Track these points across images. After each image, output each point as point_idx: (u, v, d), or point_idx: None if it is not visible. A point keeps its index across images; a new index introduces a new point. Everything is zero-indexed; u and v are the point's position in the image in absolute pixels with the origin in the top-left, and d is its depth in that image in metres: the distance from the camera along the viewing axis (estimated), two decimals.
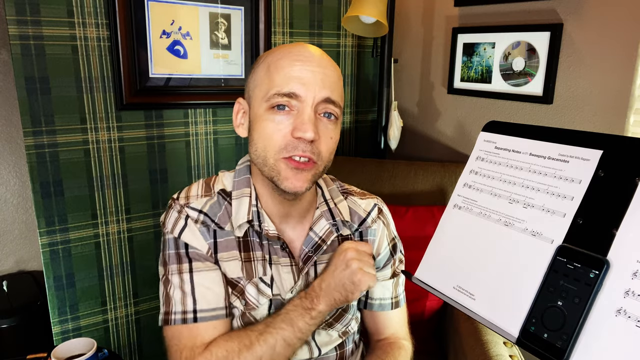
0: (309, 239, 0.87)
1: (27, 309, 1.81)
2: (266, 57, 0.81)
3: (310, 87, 0.76)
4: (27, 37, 1.30)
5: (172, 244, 0.84)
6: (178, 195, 0.88)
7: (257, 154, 0.79)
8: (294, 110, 0.76)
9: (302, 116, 0.75)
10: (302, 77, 0.76)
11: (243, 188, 0.86)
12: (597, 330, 0.45)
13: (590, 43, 1.37)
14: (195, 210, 0.84)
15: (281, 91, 0.75)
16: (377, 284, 0.97)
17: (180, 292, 0.81)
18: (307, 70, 0.76)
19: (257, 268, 0.84)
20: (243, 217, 0.83)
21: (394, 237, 0.99)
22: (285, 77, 0.76)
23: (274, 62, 0.78)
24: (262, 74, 0.79)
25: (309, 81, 0.76)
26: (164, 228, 0.86)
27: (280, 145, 0.76)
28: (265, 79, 0.78)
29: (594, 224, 0.49)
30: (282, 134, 0.76)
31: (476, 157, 0.64)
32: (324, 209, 0.89)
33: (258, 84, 0.79)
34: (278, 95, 0.75)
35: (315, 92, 0.76)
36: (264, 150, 0.78)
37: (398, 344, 0.97)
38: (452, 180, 1.56)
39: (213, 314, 0.81)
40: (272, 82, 0.77)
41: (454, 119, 1.80)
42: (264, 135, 0.77)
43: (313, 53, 0.79)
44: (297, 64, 0.76)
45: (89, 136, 1.45)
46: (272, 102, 0.76)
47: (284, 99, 0.75)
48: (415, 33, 1.91)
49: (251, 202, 0.84)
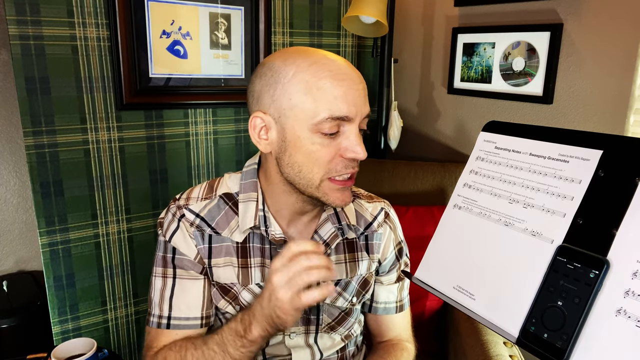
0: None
1: (27, 309, 1.81)
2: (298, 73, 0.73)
3: (359, 107, 0.74)
4: (27, 37, 1.30)
5: (162, 246, 0.85)
6: (180, 195, 0.88)
7: (301, 175, 0.77)
8: (340, 130, 0.75)
9: (351, 137, 0.74)
10: (351, 99, 0.73)
11: (250, 192, 0.85)
12: (597, 330, 0.45)
13: (590, 43, 1.37)
14: (193, 213, 0.84)
15: (334, 115, 0.72)
16: (382, 287, 0.96)
17: (160, 296, 0.83)
18: (353, 90, 0.73)
19: (255, 274, 0.84)
20: (250, 222, 0.83)
21: (401, 241, 0.98)
22: (335, 98, 0.72)
23: (315, 82, 0.72)
24: (301, 94, 0.73)
25: (356, 101, 0.74)
26: (159, 228, 0.87)
27: (329, 167, 0.75)
28: (308, 100, 0.72)
29: (594, 224, 0.49)
30: (332, 156, 0.75)
31: (476, 157, 0.64)
32: (330, 212, 0.89)
33: (296, 104, 0.73)
34: (331, 119, 0.72)
35: (362, 111, 0.75)
36: (310, 173, 0.76)
37: (401, 345, 0.97)
38: (452, 180, 1.56)
39: (186, 323, 0.83)
40: (319, 104, 0.72)
41: (454, 119, 1.80)
42: (312, 158, 0.75)
43: (350, 68, 0.75)
44: (343, 83, 0.73)
45: (89, 136, 1.45)
46: (322, 126, 0.73)
47: (335, 122, 0.73)
48: (415, 33, 1.91)
49: (258, 207, 0.84)
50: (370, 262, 0.92)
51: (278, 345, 0.87)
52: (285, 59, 0.75)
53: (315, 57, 0.75)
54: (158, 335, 0.83)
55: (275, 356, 0.88)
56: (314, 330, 0.89)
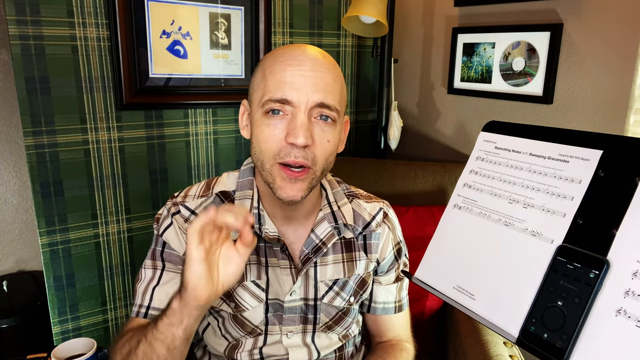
0: (310, 241, 0.87)
1: (27, 309, 1.81)
2: (264, 61, 0.81)
3: (302, 92, 0.75)
4: (27, 37, 1.30)
5: (155, 240, 0.87)
6: (178, 193, 0.89)
7: (255, 157, 0.80)
8: (288, 114, 0.76)
9: (294, 121, 0.75)
10: (294, 82, 0.75)
11: (246, 190, 0.86)
12: (597, 330, 0.45)
13: (590, 43, 1.37)
14: (188, 210, 0.85)
15: (273, 97, 0.75)
16: (381, 288, 0.96)
17: (145, 286, 0.84)
18: (299, 75, 0.75)
19: (250, 271, 0.84)
20: None
21: (399, 241, 0.98)
22: (278, 82, 0.75)
23: (269, 66, 0.78)
24: (259, 78, 0.79)
25: (300, 86, 0.75)
26: (155, 223, 0.88)
27: (275, 150, 0.76)
28: (261, 84, 0.78)
29: (594, 224, 0.49)
30: (276, 139, 0.76)
31: (476, 157, 0.64)
32: (327, 211, 0.89)
33: (255, 88, 0.80)
34: (271, 101, 0.75)
35: (308, 97, 0.75)
36: (260, 154, 0.78)
37: (400, 345, 0.97)
38: (452, 180, 1.56)
39: None
40: (266, 87, 0.77)
41: (454, 119, 1.80)
42: (260, 139, 0.78)
43: (309, 56, 0.77)
44: (289, 68, 0.76)
45: (89, 136, 1.45)
46: (265, 107, 0.76)
47: (276, 105, 0.75)
48: (415, 33, 1.91)
49: (252, 205, 0.84)
50: (368, 262, 0.92)
51: (275, 345, 0.87)
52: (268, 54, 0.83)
53: (285, 47, 0.80)
54: (132, 322, 0.82)
55: (272, 356, 0.87)
56: (311, 330, 0.89)
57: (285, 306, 0.85)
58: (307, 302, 0.87)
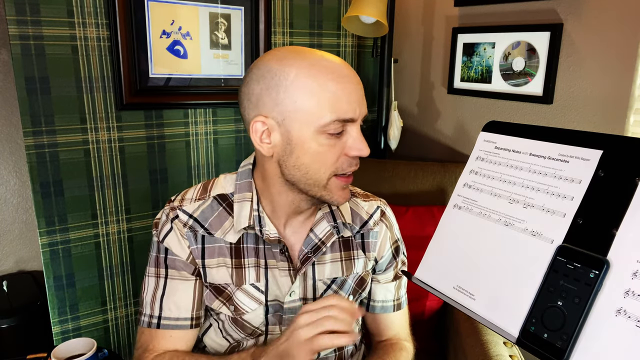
0: (309, 240, 0.87)
1: (27, 309, 1.81)
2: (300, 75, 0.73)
3: (361, 107, 0.76)
4: (27, 37, 1.30)
5: (156, 247, 0.86)
6: (175, 197, 0.88)
7: (308, 176, 0.77)
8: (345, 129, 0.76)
9: (355, 135, 0.76)
10: (354, 100, 0.75)
11: (244, 192, 0.85)
12: (597, 330, 0.45)
13: (590, 43, 1.37)
14: (186, 214, 0.85)
15: (340, 117, 0.73)
16: (380, 286, 0.97)
17: (152, 295, 0.85)
18: (355, 91, 0.75)
19: (249, 274, 0.84)
20: (244, 222, 0.83)
21: (397, 239, 0.98)
22: (340, 101, 0.73)
23: (318, 84, 0.72)
24: (306, 97, 0.73)
25: (359, 102, 0.76)
26: (154, 229, 0.88)
27: (335, 165, 0.77)
28: (313, 103, 0.72)
29: (594, 224, 0.49)
30: (337, 155, 0.76)
31: (476, 157, 0.64)
32: (326, 210, 0.89)
33: (301, 106, 0.73)
34: (338, 121, 0.73)
35: (363, 111, 0.77)
36: (317, 173, 0.77)
37: (399, 344, 0.97)
38: (452, 180, 1.56)
39: (176, 323, 0.84)
40: (324, 107, 0.73)
41: (454, 119, 1.80)
42: (319, 159, 0.76)
43: (348, 68, 0.77)
44: (346, 85, 0.74)
45: (89, 136, 1.45)
46: (331, 128, 0.74)
47: (341, 124, 0.74)
48: (415, 33, 1.91)
49: (252, 207, 0.84)
50: (367, 261, 0.92)
51: None
52: (282, 60, 0.74)
53: (314, 58, 0.75)
54: (153, 336, 0.84)
55: None
56: None
57: (285, 307, 0.85)
58: (306, 301, 0.87)
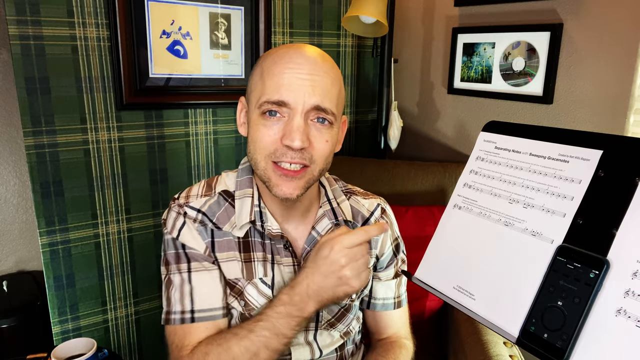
0: (311, 238, 0.87)
1: (27, 309, 1.81)
2: (263, 60, 0.81)
3: (299, 95, 0.75)
4: (27, 37, 1.30)
5: (172, 244, 0.85)
6: (179, 195, 0.89)
7: (250, 155, 0.81)
8: (284, 116, 0.77)
9: (290, 124, 0.76)
10: (291, 85, 0.75)
11: (245, 188, 0.86)
12: (597, 330, 0.45)
13: (590, 43, 1.37)
14: (194, 210, 0.85)
15: (270, 99, 0.76)
16: (381, 284, 0.97)
17: (180, 292, 0.82)
18: (297, 78, 0.76)
19: (258, 268, 0.85)
20: (245, 218, 0.83)
21: (397, 237, 0.99)
22: (275, 84, 0.76)
23: (267, 67, 0.78)
24: (257, 78, 0.80)
25: (297, 89, 0.75)
26: (164, 228, 0.87)
27: (270, 150, 0.77)
28: (259, 84, 0.79)
29: (594, 224, 0.49)
30: (272, 140, 0.77)
31: (476, 157, 0.64)
32: (326, 208, 0.90)
33: (253, 88, 0.80)
34: (268, 102, 0.76)
35: (305, 99, 0.75)
36: (255, 153, 0.79)
37: (399, 342, 0.97)
38: (452, 180, 1.56)
39: (210, 314, 0.82)
40: (264, 88, 0.77)
41: (454, 119, 1.80)
42: (256, 138, 0.79)
43: (308, 58, 0.77)
44: (287, 71, 0.76)
45: (89, 136, 1.45)
46: (262, 108, 0.77)
47: (273, 106, 0.76)
48: (415, 33, 1.91)
49: (253, 202, 0.85)
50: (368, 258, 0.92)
51: None
52: (268, 52, 0.82)
53: (285, 48, 0.80)
54: (186, 332, 0.81)
55: None
56: (314, 327, 0.89)
57: None
58: None
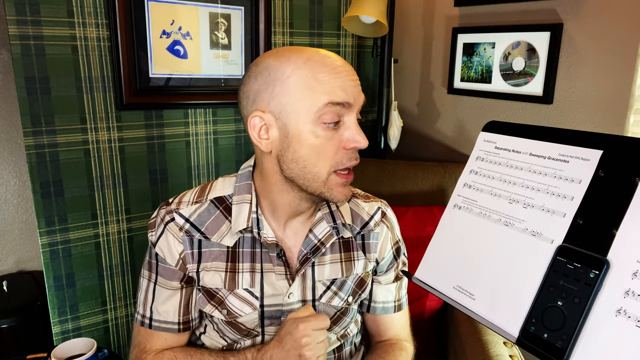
0: (308, 241, 0.87)
1: (27, 309, 1.81)
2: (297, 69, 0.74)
3: (356, 96, 0.76)
4: (27, 37, 1.30)
5: (149, 250, 0.88)
6: (172, 200, 0.88)
7: (306, 170, 0.76)
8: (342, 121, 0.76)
9: (352, 126, 0.76)
10: (349, 88, 0.75)
11: (244, 194, 0.85)
12: (597, 330, 0.45)
13: (590, 43, 1.37)
14: (183, 218, 0.85)
15: (334, 100, 0.73)
16: (381, 287, 0.96)
17: (144, 296, 0.88)
18: (350, 80, 0.76)
19: (242, 279, 0.84)
20: (243, 224, 0.83)
21: (398, 240, 0.98)
22: (334, 87, 0.74)
23: (313, 75, 0.73)
24: (301, 88, 0.73)
25: (353, 90, 0.76)
26: (149, 230, 0.88)
27: (334, 159, 0.76)
28: (308, 92, 0.73)
29: (594, 224, 0.49)
30: (335, 148, 0.76)
31: (476, 157, 0.64)
32: (325, 211, 0.89)
33: (297, 98, 0.73)
34: (331, 104, 0.73)
35: (359, 100, 0.77)
36: (316, 167, 0.76)
37: (399, 344, 0.97)
38: (452, 180, 1.56)
39: (165, 326, 0.87)
40: (319, 94, 0.73)
41: (454, 119, 1.80)
42: (317, 151, 0.75)
43: (344, 62, 0.78)
44: (340, 75, 0.74)
45: (89, 136, 1.45)
46: (324, 115, 0.73)
47: (336, 109, 0.74)
48: (415, 33, 1.91)
49: (251, 209, 0.84)
50: (367, 262, 0.92)
51: None
52: (279, 57, 0.76)
53: (310, 53, 0.76)
54: (148, 335, 0.87)
55: None
56: None
57: (285, 309, 0.85)
58: (306, 303, 0.87)
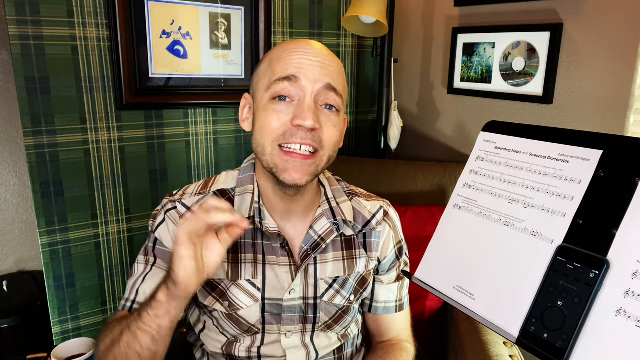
0: (309, 237, 0.87)
1: (27, 309, 1.81)
2: (270, 53, 0.84)
3: (310, 74, 0.77)
4: (27, 37, 1.30)
5: (150, 236, 0.88)
6: (177, 191, 0.90)
7: (257, 142, 0.80)
8: (295, 100, 0.77)
9: (302, 105, 0.76)
10: (302, 63, 0.77)
11: (246, 185, 0.87)
12: (597, 330, 0.45)
13: (590, 43, 1.37)
14: (185, 207, 0.86)
15: (282, 75, 0.76)
16: (383, 287, 0.96)
17: (134, 281, 0.85)
18: (306, 59, 0.78)
19: (245, 270, 0.84)
20: (245, 213, 0.83)
21: (400, 240, 0.98)
22: (286, 64, 0.77)
23: (276, 55, 0.80)
24: (265, 67, 0.81)
25: (308, 68, 0.77)
26: (151, 219, 0.89)
27: (278, 133, 0.77)
28: (268, 71, 0.80)
29: (594, 224, 0.49)
30: (282, 122, 0.77)
31: (476, 157, 0.64)
32: (325, 207, 0.89)
33: (261, 77, 0.81)
34: (279, 80, 0.77)
35: (316, 79, 0.77)
36: (262, 138, 0.79)
37: (400, 345, 0.97)
38: (452, 180, 1.56)
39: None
40: (274, 71, 0.78)
41: (454, 119, 1.80)
42: (264, 123, 0.78)
43: (315, 46, 0.81)
44: (296, 53, 0.78)
45: (89, 136, 1.45)
46: (273, 89, 0.77)
47: (284, 84, 0.76)
48: (415, 33, 1.91)
49: (253, 199, 0.85)
50: (369, 260, 0.92)
51: (273, 345, 0.87)
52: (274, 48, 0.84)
53: (292, 40, 0.83)
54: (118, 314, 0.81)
55: (270, 357, 0.87)
56: (311, 329, 0.88)
57: (284, 305, 0.85)
58: (307, 300, 0.87)
